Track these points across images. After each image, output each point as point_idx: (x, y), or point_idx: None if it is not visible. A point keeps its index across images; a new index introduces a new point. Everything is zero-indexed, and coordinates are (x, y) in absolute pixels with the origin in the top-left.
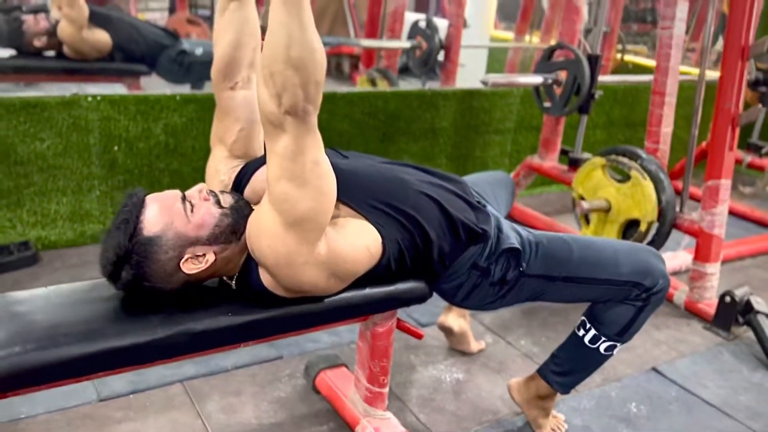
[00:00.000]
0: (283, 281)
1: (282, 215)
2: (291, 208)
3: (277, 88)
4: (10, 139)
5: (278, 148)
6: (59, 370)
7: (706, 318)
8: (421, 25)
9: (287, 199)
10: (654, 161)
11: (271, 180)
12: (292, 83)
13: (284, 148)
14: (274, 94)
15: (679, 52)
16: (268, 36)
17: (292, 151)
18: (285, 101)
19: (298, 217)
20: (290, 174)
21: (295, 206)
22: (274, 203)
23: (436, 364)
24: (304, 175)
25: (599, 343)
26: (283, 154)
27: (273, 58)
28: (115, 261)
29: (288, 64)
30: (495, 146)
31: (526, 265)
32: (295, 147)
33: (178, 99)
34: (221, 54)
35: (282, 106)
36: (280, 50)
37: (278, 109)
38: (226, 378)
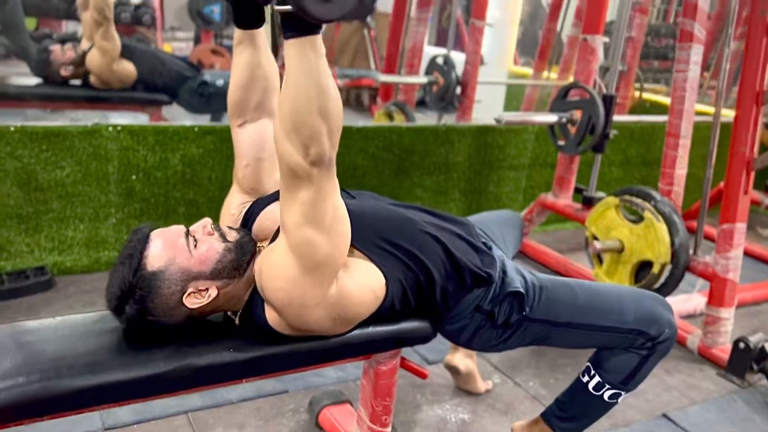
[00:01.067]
0: (290, 321)
1: (302, 259)
2: (312, 252)
3: (304, 139)
4: (32, 166)
5: (301, 197)
6: (62, 402)
7: (719, 364)
8: (438, 61)
9: (309, 244)
10: (668, 203)
11: (291, 226)
12: (320, 132)
13: (307, 196)
14: (300, 145)
15: (693, 95)
16: (289, 89)
17: (315, 199)
18: (312, 152)
19: (318, 261)
20: (312, 220)
21: (317, 251)
22: (294, 248)
23: (442, 403)
24: (326, 220)
25: (603, 390)
26: (305, 201)
27: (300, 109)
28: (119, 295)
29: (316, 114)
30: (509, 182)
31: (530, 310)
32: (318, 195)
33: (197, 130)
34: (230, 94)
35: (309, 157)
36: (307, 101)
37: (305, 160)
38: (231, 410)
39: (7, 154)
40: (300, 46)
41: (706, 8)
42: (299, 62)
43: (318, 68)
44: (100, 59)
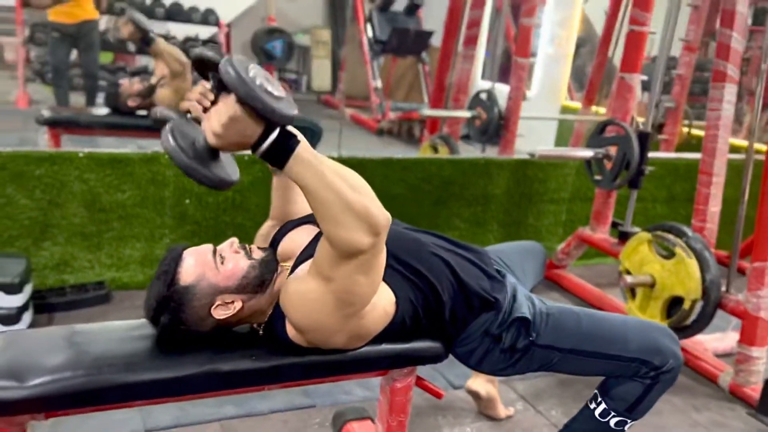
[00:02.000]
0: (311, 341)
1: (341, 297)
2: (354, 296)
3: (360, 218)
4: (96, 189)
5: (359, 260)
6: (101, 395)
7: (750, 403)
8: (482, 96)
9: (355, 286)
10: (700, 239)
11: (340, 276)
12: (367, 204)
13: (367, 258)
14: (357, 227)
15: (727, 133)
16: (316, 198)
17: (372, 256)
18: (373, 223)
19: (356, 301)
20: (365, 271)
21: (359, 294)
22: (339, 292)
23: (462, 426)
24: (375, 269)
25: (609, 417)
26: (363, 262)
27: (339, 201)
28: (155, 307)
29: (353, 192)
30: (549, 215)
31: (536, 335)
32: (376, 250)
33: (246, 159)
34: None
35: (372, 230)
36: (340, 191)
37: (369, 236)
38: (261, 421)
39: (75, 177)
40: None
41: (740, 49)
42: (309, 173)
43: (323, 165)
44: (171, 97)
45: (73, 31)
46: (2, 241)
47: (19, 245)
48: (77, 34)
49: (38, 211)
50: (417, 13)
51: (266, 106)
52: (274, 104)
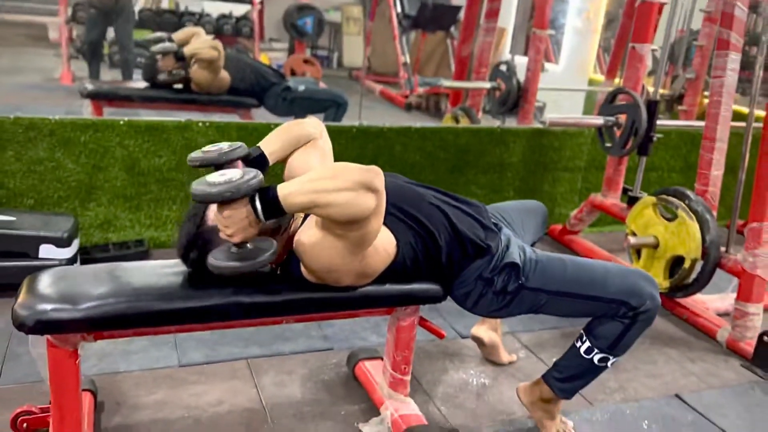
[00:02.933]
0: (324, 280)
1: (353, 241)
2: (364, 241)
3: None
4: (135, 154)
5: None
6: (139, 319)
7: (745, 356)
8: (501, 68)
9: (367, 234)
10: (701, 202)
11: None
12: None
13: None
14: (362, 193)
15: (730, 100)
16: (323, 210)
17: (379, 203)
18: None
19: (364, 245)
20: (378, 213)
21: (369, 239)
22: (353, 240)
23: (467, 369)
24: (381, 215)
25: (593, 354)
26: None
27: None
28: (185, 245)
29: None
30: (564, 183)
31: (525, 279)
32: (380, 200)
33: (272, 127)
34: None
35: (373, 189)
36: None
37: (375, 199)
38: (283, 360)
39: (117, 143)
40: (289, 203)
41: (743, 18)
42: (303, 204)
43: (303, 187)
44: (206, 74)
45: (110, 6)
46: (52, 202)
47: (67, 206)
48: (113, 9)
49: (84, 174)
50: None
51: (231, 194)
52: (235, 187)
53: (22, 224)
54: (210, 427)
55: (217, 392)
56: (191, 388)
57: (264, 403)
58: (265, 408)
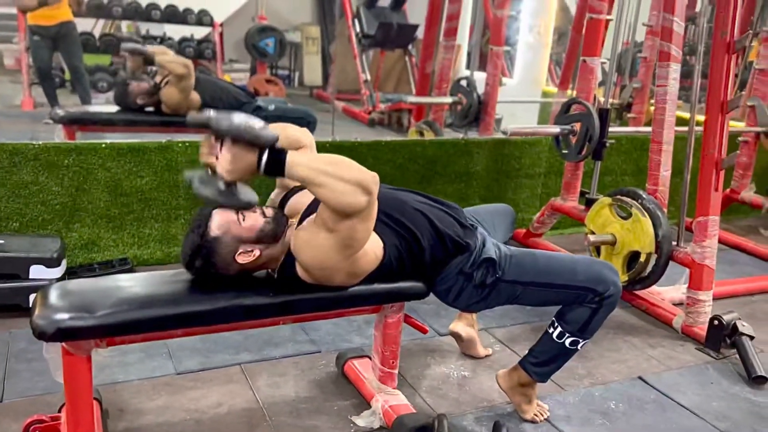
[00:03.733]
0: (317, 278)
1: (343, 241)
2: (354, 240)
3: (354, 185)
4: (118, 175)
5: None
6: (152, 324)
7: (699, 340)
8: (462, 83)
9: (354, 233)
10: (653, 200)
11: (342, 227)
12: (355, 172)
13: (367, 211)
14: (354, 191)
15: (673, 107)
16: (317, 189)
17: (370, 210)
18: (364, 185)
19: (354, 245)
20: (365, 218)
21: (357, 234)
22: (343, 238)
23: (448, 363)
24: (371, 215)
25: (564, 338)
26: (363, 215)
27: (334, 184)
28: (190, 254)
29: (339, 173)
30: (526, 189)
31: (502, 273)
32: (372, 205)
33: None
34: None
35: (366, 191)
36: (330, 179)
37: (365, 195)
38: (275, 364)
39: (99, 165)
40: (291, 169)
41: (681, 32)
42: (303, 174)
43: (311, 165)
44: (177, 96)
45: (54, 32)
46: (37, 224)
47: (52, 228)
48: (57, 35)
49: (67, 196)
50: (402, 7)
51: (252, 138)
52: (257, 133)
53: (11, 246)
54: (212, 427)
55: (215, 396)
56: (190, 393)
57: (261, 403)
58: (262, 407)
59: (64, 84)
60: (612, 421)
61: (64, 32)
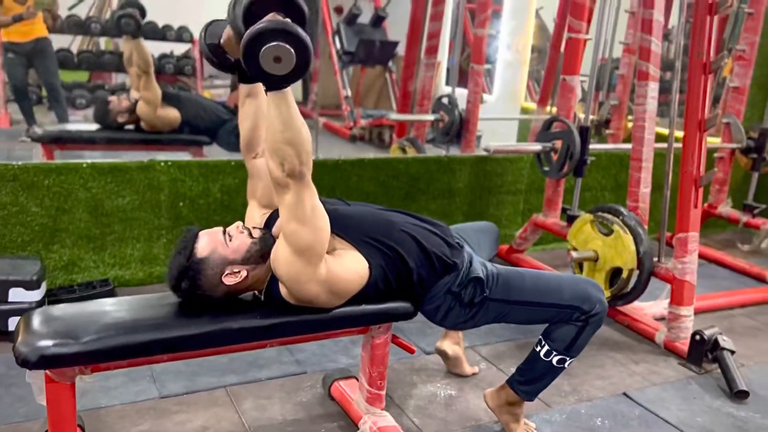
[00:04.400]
0: (293, 294)
1: (292, 246)
2: (297, 240)
3: (280, 159)
4: (99, 195)
5: (285, 201)
6: (139, 349)
7: (681, 355)
8: (443, 101)
9: (294, 234)
10: (633, 217)
11: (283, 222)
12: (289, 154)
13: (289, 200)
14: (278, 163)
15: (652, 124)
16: (268, 128)
17: (294, 201)
18: (286, 168)
19: (302, 247)
20: (295, 216)
21: (300, 239)
22: (286, 238)
23: (434, 382)
24: (305, 216)
25: (552, 356)
26: (289, 204)
27: (273, 139)
28: (177, 276)
29: (284, 143)
30: (508, 205)
31: (489, 291)
32: (296, 198)
33: (233, 164)
34: (243, 136)
35: (284, 171)
36: (277, 134)
37: (282, 174)
38: (260, 386)
39: (80, 185)
40: (272, 98)
41: (658, 51)
42: (272, 109)
43: (288, 113)
44: (146, 108)
45: (29, 49)
46: (16, 245)
47: (31, 249)
48: (32, 51)
49: (48, 217)
50: (382, 24)
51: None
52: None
53: None
54: None
55: (200, 419)
56: (175, 417)
57: (247, 426)
58: (249, 430)
59: (40, 101)
60: None
61: (39, 48)
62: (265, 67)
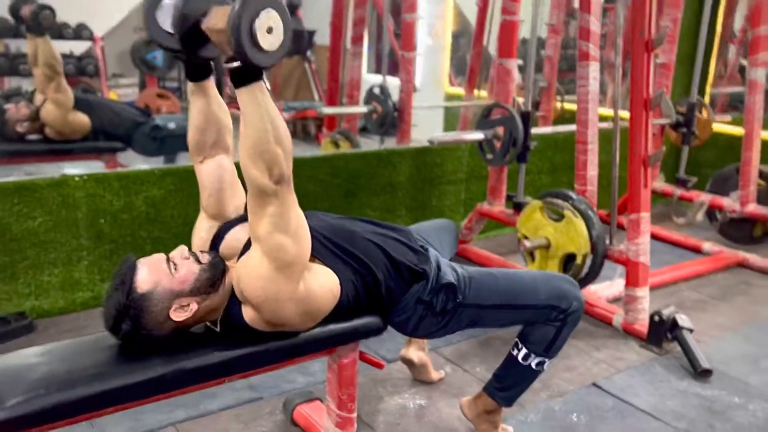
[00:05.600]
0: (267, 316)
1: (275, 262)
2: (283, 254)
3: (268, 164)
4: (5, 219)
5: (269, 211)
6: (77, 407)
7: (641, 337)
8: (375, 91)
9: (279, 248)
10: (583, 201)
11: (263, 235)
12: (278, 156)
13: (274, 210)
14: (264, 169)
15: (595, 106)
16: (248, 127)
17: (281, 211)
18: (275, 173)
19: (287, 261)
20: (280, 228)
21: (286, 253)
22: (268, 253)
23: (402, 393)
24: (291, 227)
25: (530, 360)
26: (273, 214)
27: (260, 141)
28: (115, 315)
29: (273, 143)
30: (450, 196)
31: (462, 297)
32: (283, 207)
33: (157, 173)
34: (190, 137)
35: (273, 177)
36: (264, 134)
37: (270, 180)
38: (214, 419)
39: None
40: (250, 92)
41: (598, 31)
42: (252, 105)
43: (267, 107)
44: (55, 111)
45: None
46: None
47: None
48: None
49: None
50: (296, 13)
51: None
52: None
53: None
54: None
55: None
56: None
57: None
58: None
59: None
60: None
61: None
62: (260, 40)
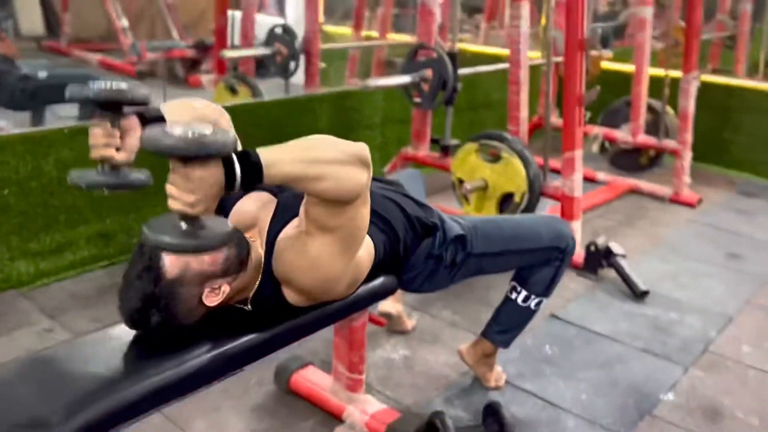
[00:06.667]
0: (317, 296)
1: (344, 241)
2: (360, 227)
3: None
4: None
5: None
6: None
7: (577, 267)
8: (277, 32)
9: (350, 223)
10: (519, 141)
11: (340, 224)
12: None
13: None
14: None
15: (526, 46)
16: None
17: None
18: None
19: (360, 236)
20: (365, 202)
21: (362, 224)
22: (336, 231)
23: (382, 346)
24: (368, 192)
25: (530, 301)
26: (357, 204)
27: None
28: (141, 308)
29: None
30: (367, 140)
31: (471, 247)
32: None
33: (66, 132)
34: None
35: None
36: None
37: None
38: (202, 399)
39: None
40: (270, 172)
41: None
42: (283, 174)
43: (289, 157)
44: None
45: None
46: None
47: None
48: None
49: None
50: None
51: (214, 149)
52: (216, 140)
53: None
54: None
55: None
56: None
57: None
58: None
59: None
60: (557, 365)
61: None
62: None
